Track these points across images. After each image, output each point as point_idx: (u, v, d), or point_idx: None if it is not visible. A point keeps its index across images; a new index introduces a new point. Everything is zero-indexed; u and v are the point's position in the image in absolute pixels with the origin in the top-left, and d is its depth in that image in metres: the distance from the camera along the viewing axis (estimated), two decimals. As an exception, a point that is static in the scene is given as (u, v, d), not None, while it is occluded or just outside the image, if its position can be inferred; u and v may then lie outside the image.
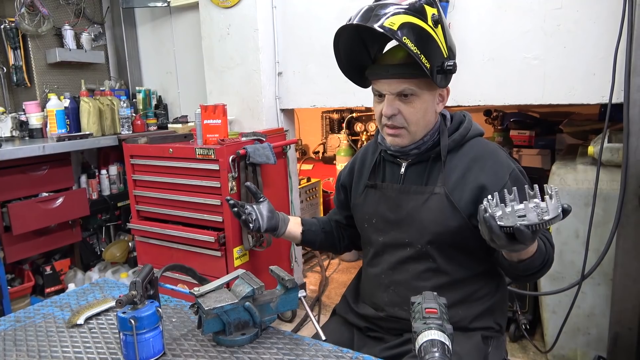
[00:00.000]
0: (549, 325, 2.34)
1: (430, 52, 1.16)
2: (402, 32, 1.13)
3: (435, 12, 1.19)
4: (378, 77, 1.27)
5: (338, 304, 1.54)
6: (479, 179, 1.25)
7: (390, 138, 1.30)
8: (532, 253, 1.11)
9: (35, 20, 3.14)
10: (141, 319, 1.09)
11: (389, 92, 1.25)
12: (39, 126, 3.15)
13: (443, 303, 0.92)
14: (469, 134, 1.32)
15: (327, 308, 3.19)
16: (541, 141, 3.40)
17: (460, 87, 2.40)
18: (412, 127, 1.27)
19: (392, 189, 1.36)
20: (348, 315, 1.47)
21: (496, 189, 1.18)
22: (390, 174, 1.38)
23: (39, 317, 1.41)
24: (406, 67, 1.21)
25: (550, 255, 1.19)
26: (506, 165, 1.27)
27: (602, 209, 2.11)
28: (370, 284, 1.42)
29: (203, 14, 3.08)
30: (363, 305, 1.43)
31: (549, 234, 1.24)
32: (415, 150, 1.32)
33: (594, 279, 2.17)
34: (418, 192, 1.30)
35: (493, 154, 1.30)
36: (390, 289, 1.35)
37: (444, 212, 1.26)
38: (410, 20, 1.15)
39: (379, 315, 1.37)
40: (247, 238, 2.56)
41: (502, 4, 2.30)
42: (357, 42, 1.31)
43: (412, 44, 1.13)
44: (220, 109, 2.50)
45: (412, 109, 1.25)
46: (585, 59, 2.14)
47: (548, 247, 1.19)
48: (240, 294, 1.19)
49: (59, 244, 3.09)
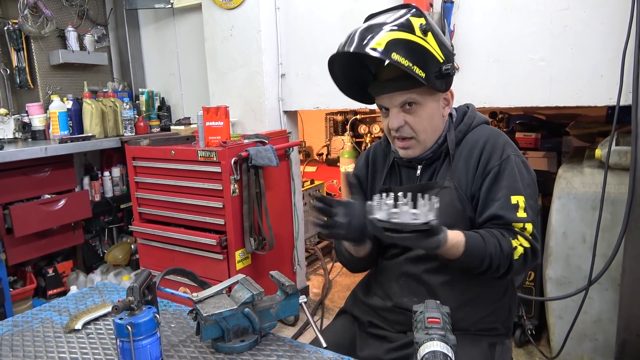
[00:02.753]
0: (555, 331, 2.31)
1: (423, 61, 1.17)
2: (390, 50, 1.14)
3: (423, 22, 1.20)
4: (379, 93, 1.29)
5: (346, 301, 1.54)
6: (479, 163, 1.27)
7: (403, 151, 1.33)
8: (457, 255, 1.15)
9: (39, 22, 3.13)
10: (138, 325, 1.07)
11: (392, 105, 1.27)
12: (41, 128, 3.14)
13: (446, 312, 0.89)
14: (473, 123, 1.34)
15: (330, 312, 3.16)
16: (547, 144, 3.36)
17: (465, 89, 2.37)
18: (421, 135, 1.29)
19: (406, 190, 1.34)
20: (354, 309, 1.46)
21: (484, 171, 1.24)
22: (407, 177, 1.39)
23: (36, 322, 1.39)
24: (404, 80, 1.22)
25: (495, 262, 1.17)
26: (502, 150, 1.27)
27: (610, 213, 2.08)
28: (382, 274, 1.42)
29: (206, 15, 3.07)
30: (372, 297, 1.43)
31: (505, 241, 1.18)
32: (430, 154, 1.34)
33: (602, 284, 2.13)
34: (429, 187, 1.31)
35: (493, 139, 1.29)
36: (401, 279, 1.35)
37: (454, 205, 1.27)
38: (397, 37, 1.16)
39: (386, 305, 1.36)
40: (250, 241, 2.54)
41: (508, 5, 2.27)
42: (354, 63, 1.33)
43: (403, 59, 1.14)
44: (223, 111, 2.48)
45: (417, 117, 1.27)
46: (592, 61, 2.11)
47: (491, 250, 1.16)
48: (240, 299, 1.17)
49: (61, 246, 3.08)
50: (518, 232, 1.21)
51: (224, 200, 2.47)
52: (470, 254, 1.16)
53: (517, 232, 1.21)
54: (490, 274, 1.19)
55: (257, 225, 2.59)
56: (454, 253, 1.15)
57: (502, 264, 1.18)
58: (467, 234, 1.18)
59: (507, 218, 1.21)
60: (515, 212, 1.21)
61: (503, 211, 1.21)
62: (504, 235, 1.20)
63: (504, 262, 1.18)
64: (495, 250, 1.17)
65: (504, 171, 1.24)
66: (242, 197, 2.51)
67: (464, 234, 1.17)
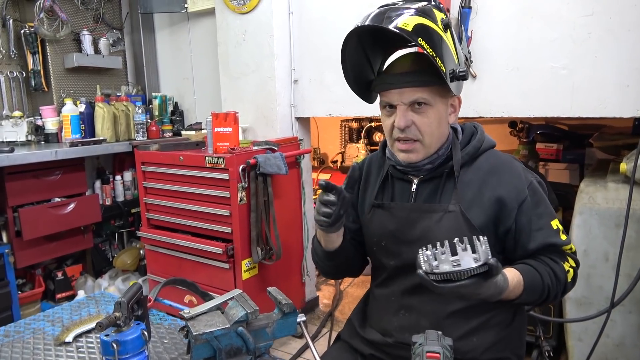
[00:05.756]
0: (575, 354, 2.19)
1: (443, 56, 1.10)
2: (417, 34, 1.07)
3: (444, 17, 1.13)
4: (388, 87, 1.18)
5: (342, 329, 1.44)
6: (496, 192, 1.17)
7: (403, 154, 1.21)
8: (517, 295, 1.08)
9: (54, 25, 3.14)
10: (125, 342, 1.02)
11: (401, 102, 1.17)
12: (54, 131, 3.14)
13: (448, 345, 0.81)
14: (482, 147, 1.24)
15: (340, 324, 3.08)
16: (569, 155, 3.24)
17: (483, 97, 2.28)
18: (427, 139, 1.18)
19: (402, 209, 1.26)
20: (353, 341, 1.37)
21: (515, 203, 1.15)
22: (400, 192, 1.28)
23: (28, 333, 1.35)
24: (418, 75, 1.14)
25: (552, 292, 1.14)
26: (524, 177, 1.20)
27: (635, 230, 1.96)
28: (378, 306, 1.33)
29: (219, 19, 3.04)
30: (370, 330, 1.33)
31: (559, 268, 1.16)
32: (429, 166, 1.23)
33: (625, 307, 2.01)
34: (431, 210, 1.21)
35: (509, 166, 1.21)
36: (400, 312, 1.25)
37: (460, 231, 1.16)
38: (423, 22, 1.09)
39: (386, 341, 1.27)
40: (257, 250, 2.48)
41: (528, 10, 2.18)
42: (360, 54, 1.24)
43: (428, 47, 1.06)
44: (232, 117, 2.44)
45: (426, 119, 1.17)
46: (617, 70, 2.01)
47: (548, 281, 1.13)
48: (233, 318, 1.10)
49: (70, 250, 3.07)
50: (568, 254, 1.20)
51: (231, 208, 2.42)
52: (530, 291, 1.09)
53: (567, 254, 1.19)
54: (544, 304, 1.16)
55: (264, 234, 2.54)
56: (515, 294, 1.08)
57: (558, 292, 1.15)
58: (520, 269, 1.11)
59: (559, 244, 1.17)
60: (559, 237, 1.18)
61: (553, 238, 1.17)
62: (555, 261, 1.16)
63: (560, 290, 1.15)
64: (551, 281, 1.13)
65: (535, 199, 1.18)
66: (250, 206, 2.46)
67: (519, 270, 1.10)
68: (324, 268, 1.38)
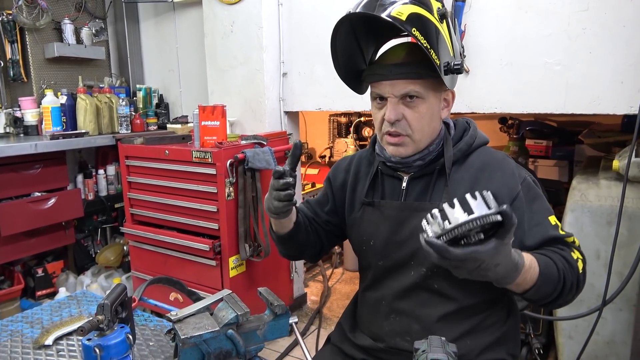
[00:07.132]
0: (565, 351, 2.18)
1: (438, 47, 1.05)
2: (412, 24, 1.01)
3: (440, 6, 1.09)
4: (380, 78, 1.13)
5: (333, 332, 1.40)
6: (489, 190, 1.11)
7: (392, 148, 1.16)
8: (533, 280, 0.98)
9: (34, 13, 3.02)
10: (108, 347, 0.97)
11: (393, 94, 1.12)
12: (34, 123, 3.04)
13: (452, 352, 0.76)
14: (475, 143, 1.20)
15: (328, 321, 3.04)
16: (559, 152, 3.24)
17: (475, 93, 2.24)
18: (417, 134, 1.14)
19: (392, 207, 1.21)
20: (343, 345, 1.32)
21: (507, 200, 1.10)
22: (390, 190, 1.24)
23: (5, 335, 1.28)
24: (411, 66, 1.09)
25: (568, 280, 1.04)
26: (517, 173, 1.16)
27: (627, 228, 1.95)
28: (368, 311, 1.28)
29: (206, 9, 2.96)
30: (360, 335, 1.29)
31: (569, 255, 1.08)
32: (419, 162, 1.18)
33: (616, 304, 2.00)
34: (421, 208, 1.16)
35: (501, 163, 1.17)
36: (391, 317, 1.21)
37: None
38: (418, 11, 1.04)
39: (378, 347, 1.23)
40: (244, 247, 2.43)
41: (523, 5, 2.15)
42: (351, 41, 1.18)
43: (422, 38, 1.01)
44: (219, 110, 2.37)
45: (417, 114, 1.12)
46: (612, 66, 1.99)
47: (562, 267, 1.04)
48: (223, 320, 1.05)
49: (51, 246, 2.98)
50: (573, 246, 1.12)
51: (219, 203, 2.36)
52: (546, 278, 1.00)
53: (573, 246, 1.11)
54: (562, 299, 1.05)
55: (252, 230, 2.48)
56: (531, 277, 0.98)
57: (573, 281, 1.05)
58: (531, 254, 1.02)
59: (561, 236, 1.10)
60: (559, 232, 1.11)
61: (553, 232, 1.10)
62: (563, 249, 1.08)
63: (574, 279, 1.05)
64: (564, 267, 1.04)
65: (529, 195, 1.13)
66: (238, 201, 2.40)
67: (531, 255, 1.01)
68: (280, 251, 1.37)
